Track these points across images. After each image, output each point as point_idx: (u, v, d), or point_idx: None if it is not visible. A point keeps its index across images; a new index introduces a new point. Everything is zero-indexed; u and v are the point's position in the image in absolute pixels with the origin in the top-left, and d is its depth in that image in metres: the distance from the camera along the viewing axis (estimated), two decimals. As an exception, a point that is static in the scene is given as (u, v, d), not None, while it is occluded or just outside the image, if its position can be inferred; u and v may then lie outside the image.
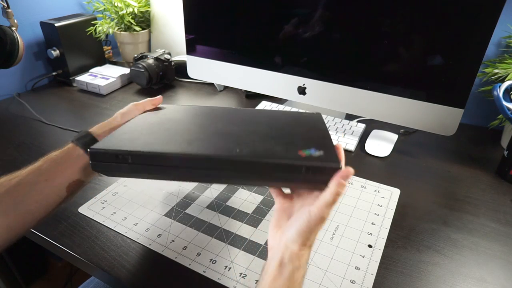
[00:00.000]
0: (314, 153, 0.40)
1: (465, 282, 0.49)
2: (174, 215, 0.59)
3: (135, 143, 0.42)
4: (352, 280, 0.49)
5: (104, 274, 0.51)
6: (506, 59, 0.76)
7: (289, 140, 0.44)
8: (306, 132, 0.48)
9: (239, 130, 0.48)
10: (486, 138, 0.84)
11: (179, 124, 0.50)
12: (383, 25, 0.68)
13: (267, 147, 0.42)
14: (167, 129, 0.47)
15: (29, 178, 0.44)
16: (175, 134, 0.46)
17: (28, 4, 1.03)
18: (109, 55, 1.26)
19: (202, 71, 0.94)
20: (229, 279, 0.49)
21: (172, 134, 0.46)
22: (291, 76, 0.82)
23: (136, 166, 0.40)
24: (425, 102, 0.70)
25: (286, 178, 0.39)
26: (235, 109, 0.60)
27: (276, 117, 0.55)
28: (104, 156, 0.40)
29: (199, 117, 0.54)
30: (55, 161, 0.45)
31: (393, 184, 0.67)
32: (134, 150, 0.40)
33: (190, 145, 0.41)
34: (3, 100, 1.01)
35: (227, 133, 0.46)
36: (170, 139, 0.44)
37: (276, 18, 0.78)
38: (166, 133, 0.46)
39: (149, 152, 0.39)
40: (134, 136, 0.44)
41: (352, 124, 0.86)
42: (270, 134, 0.46)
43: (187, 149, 0.40)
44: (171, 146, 0.41)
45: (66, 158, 0.46)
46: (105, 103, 1.00)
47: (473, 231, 0.58)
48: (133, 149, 0.40)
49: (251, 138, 0.44)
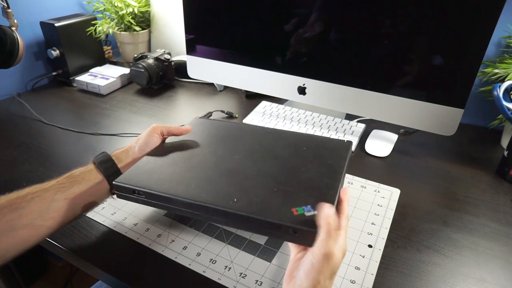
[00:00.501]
0: (307, 213, 0.42)
1: (465, 282, 0.49)
2: (174, 215, 0.59)
3: (149, 181, 0.49)
4: (352, 280, 0.49)
5: (103, 274, 0.51)
6: (506, 59, 0.76)
7: (293, 187, 0.47)
8: (319, 175, 0.50)
9: (250, 168, 0.52)
10: (486, 138, 0.84)
11: (193, 162, 0.54)
12: (383, 25, 0.68)
13: (264, 199, 0.45)
14: (180, 167, 0.52)
15: (49, 195, 0.46)
16: (187, 173, 0.51)
17: (28, 4, 1.03)
18: (109, 55, 1.26)
19: (202, 71, 0.94)
20: (229, 279, 0.49)
21: (183, 173, 0.51)
22: (291, 76, 0.82)
23: (149, 201, 0.49)
24: (425, 102, 0.70)
25: (276, 235, 0.43)
26: (261, 131, 0.64)
27: (299, 145, 0.58)
28: (124, 189, 0.49)
29: (217, 148, 0.58)
30: (76, 181, 0.48)
31: (393, 184, 0.67)
32: (147, 189, 0.47)
33: (195, 189, 0.47)
34: (3, 100, 1.01)
35: (235, 173, 0.51)
36: (180, 180, 0.49)
37: (276, 18, 0.78)
38: (179, 172, 0.51)
39: (158, 194, 0.47)
40: (151, 172, 0.51)
41: (352, 124, 0.86)
42: (280, 174, 0.50)
43: (190, 195, 0.46)
44: (178, 189, 0.47)
45: (87, 180, 0.49)
46: (105, 103, 1.00)
47: (473, 231, 0.58)
48: (146, 188, 0.48)
49: (256, 182, 0.48)
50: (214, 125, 0.66)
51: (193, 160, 0.54)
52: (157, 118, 0.92)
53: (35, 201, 0.44)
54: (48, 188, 0.46)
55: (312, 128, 0.84)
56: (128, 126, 0.88)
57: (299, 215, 0.42)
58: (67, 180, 0.48)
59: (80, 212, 0.49)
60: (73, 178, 0.48)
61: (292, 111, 0.91)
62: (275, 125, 0.86)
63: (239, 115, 0.92)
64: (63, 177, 0.49)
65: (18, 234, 0.43)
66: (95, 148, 0.79)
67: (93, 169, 0.50)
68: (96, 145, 0.80)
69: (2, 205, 0.43)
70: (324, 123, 0.86)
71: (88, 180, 0.49)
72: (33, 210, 0.44)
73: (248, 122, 0.88)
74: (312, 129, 0.84)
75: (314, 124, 0.86)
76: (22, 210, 0.43)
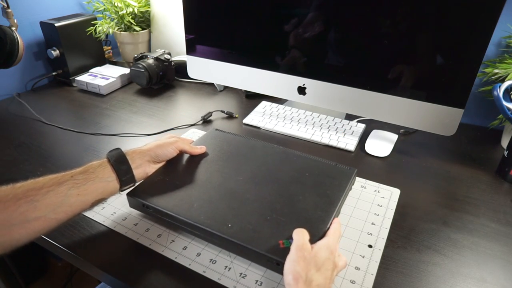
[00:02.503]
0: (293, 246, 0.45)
1: (465, 282, 0.49)
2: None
3: (158, 198, 0.55)
4: (352, 280, 0.49)
5: (103, 274, 0.51)
6: (506, 59, 0.76)
7: (286, 218, 0.50)
8: (314, 204, 0.53)
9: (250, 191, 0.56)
10: (486, 138, 0.84)
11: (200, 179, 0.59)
12: (383, 25, 0.68)
13: (256, 228, 0.49)
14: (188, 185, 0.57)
15: (63, 190, 0.47)
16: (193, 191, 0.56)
17: (28, 4, 1.03)
18: (109, 55, 1.26)
19: (202, 71, 0.94)
20: (229, 279, 0.49)
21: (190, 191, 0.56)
22: (291, 76, 0.82)
23: (155, 215, 0.55)
24: (425, 102, 0.70)
25: (262, 264, 0.48)
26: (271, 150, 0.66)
27: (303, 169, 0.61)
28: (135, 201, 0.56)
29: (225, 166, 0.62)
30: (90, 178, 0.49)
31: (393, 184, 0.67)
32: (155, 206, 0.53)
33: (196, 210, 0.52)
34: (3, 100, 1.01)
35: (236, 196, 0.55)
36: (185, 200, 0.54)
37: (276, 18, 0.78)
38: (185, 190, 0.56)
39: (164, 211, 0.53)
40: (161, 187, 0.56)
41: (352, 124, 0.86)
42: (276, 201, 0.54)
43: (191, 217, 0.51)
44: (182, 208, 0.53)
45: (101, 178, 0.50)
46: (105, 103, 1.00)
47: (473, 231, 0.58)
48: (154, 204, 0.54)
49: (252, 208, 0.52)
50: (228, 139, 0.69)
51: (200, 177, 0.59)
52: (157, 118, 0.92)
53: (50, 195, 0.45)
54: (63, 182, 0.47)
55: (312, 128, 0.84)
56: (128, 126, 0.88)
57: (284, 248, 0.45)
58: (82, 176, 0.49)
59: (90, 207, 0.50)
60: (87, 175, 0.49)
61: (292, 111, 0.91)
62: (275, 125, 0.86)
63: (239, 115, 0.92)
64: (78, 170, 0.50)
65: (31, 225, 0.44)
66: (95, 148, 0.79)
67: (108, 167, 0.51)
68: (96, 145, 0.80)
69: (19, 196, 0.44)
70: (324, 123, 0.86)
71: (101, 178, 0.50)
72: (47, 204, 0.45)
73: (248, 122, 0.88)
74: (312, 129, 0.84)
75: (314, 124, 0.86)
76: (36, 203, 0.44)
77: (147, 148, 0.58)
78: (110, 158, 0.52)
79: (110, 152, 0.53)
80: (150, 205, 0.54)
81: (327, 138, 0.81)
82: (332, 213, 0.51)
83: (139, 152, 0.56)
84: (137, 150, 0.56)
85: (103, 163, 0.52)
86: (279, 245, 0.46)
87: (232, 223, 0.50)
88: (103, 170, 0.51)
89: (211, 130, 0.72)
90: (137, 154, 0.56)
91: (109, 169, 0.51)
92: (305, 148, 0.79)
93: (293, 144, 0.81)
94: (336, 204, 0.53)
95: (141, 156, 0.56)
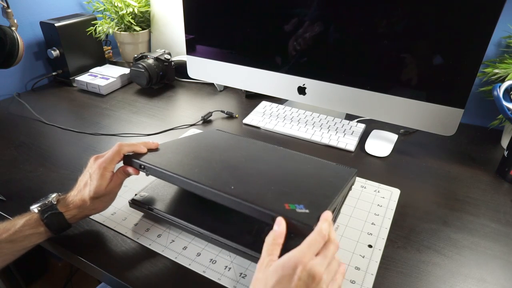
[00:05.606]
0: (299, 209, 0.42)
1: (465, 282, 0.49)
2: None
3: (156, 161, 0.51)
4: (352, 280, 0.49)
5: (103, 274, 0.51)
6: (506, 59, 0.76)
7: (290, 190, 0.48)
8: (317, 186, 0.51)
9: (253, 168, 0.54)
10: (486, 138, 0.84)
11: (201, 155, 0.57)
12: (383, 25, 0.68)
13: (261, 192, 0.46)
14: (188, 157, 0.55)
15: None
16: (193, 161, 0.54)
17: (28, 4, 1.03)
18: (109, 55, 1.26)
19: (202, 71, 0.94)
20: (229, 279, 0.49)
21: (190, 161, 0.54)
22: (291, 76, 0.82)
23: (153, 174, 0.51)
24: (425, 102, 0.70)
25: (265, 223, 0.43)
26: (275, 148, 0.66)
27: (305, 162, 0.60)
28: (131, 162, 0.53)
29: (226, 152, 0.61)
30: (23, 232, 0.49)
31: (393, 184, 0.67)
32: (152, 165, 0.50)
33: (197, 173, 0.49)
34: (3, 100, 1.01)
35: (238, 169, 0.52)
36: (186, 164, 0.52)
37: (276, 18, 0.78)
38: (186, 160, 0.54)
39: (159, 169, 0.49)
40: (161, 155, 0.54)
41: (352, 124, 0.86)
42: (279, 179, 0.51)
43: (190, 175, 0.48)
44: (181, 169, 0.49)
45: (33, 231, 0.49)
46: (105, 103, 1.00)
47: (473, 231, 0.58)
48: (151, 164, 0.50)
49: (257, 179, 0.50)
50: (225, 137, 0.69)
51: (202, 154, 0.57)
52: (157, 118, 0.92)
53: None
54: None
55: (312, 128, 0.84)
56: (128, 126, 0.88)
57: (290, 210, 0.42)
58: (12, 227, 0.48)
59: (22, 254, 0.50)
60: (18, 228, 0.48)
61: (292, 111, 0.91)
62: (275, 125, 0.86)
63: (239, 115, 0.92)
64: (11, 221, 0.49)
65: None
66: (95, 148, 0.79)
67: (38, 220, 0.50)
68: (96, 145, 0.80)
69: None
70: (324, 123, 0.86)
71: (34, 231, 0.49)
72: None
73: (248, 122, 0.88)
74: (312, 129, 0.84)
75: (314, 124, 0.86)
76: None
77: (80, 197, 0.51)
78: (40, 213, 0.50)
79: (42, 209, 0.50)
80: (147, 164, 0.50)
81: (327, 138, 0.81)
82: (336, 193, 0.48)
83: (72, 200, 0.52)
84: (70, 195, 0.52)
85: (32, 218, 0.50)
86: (284, 207, 0.42)
87: (235, 186, 0.47)
88: (34, 224, 0.49)
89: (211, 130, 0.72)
90: (69, 201, 0.51)
91: (39, 221, 0.49)
92: (305, 148, 0.79)
93: (293, 144, 0.81)
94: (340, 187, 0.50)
95: (80, 210, 0.52)
